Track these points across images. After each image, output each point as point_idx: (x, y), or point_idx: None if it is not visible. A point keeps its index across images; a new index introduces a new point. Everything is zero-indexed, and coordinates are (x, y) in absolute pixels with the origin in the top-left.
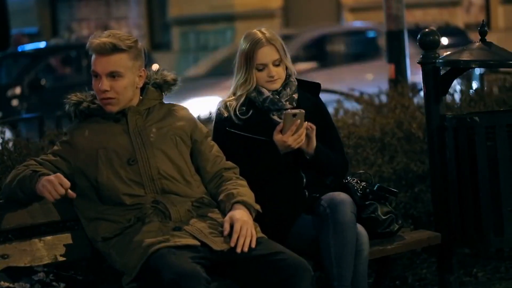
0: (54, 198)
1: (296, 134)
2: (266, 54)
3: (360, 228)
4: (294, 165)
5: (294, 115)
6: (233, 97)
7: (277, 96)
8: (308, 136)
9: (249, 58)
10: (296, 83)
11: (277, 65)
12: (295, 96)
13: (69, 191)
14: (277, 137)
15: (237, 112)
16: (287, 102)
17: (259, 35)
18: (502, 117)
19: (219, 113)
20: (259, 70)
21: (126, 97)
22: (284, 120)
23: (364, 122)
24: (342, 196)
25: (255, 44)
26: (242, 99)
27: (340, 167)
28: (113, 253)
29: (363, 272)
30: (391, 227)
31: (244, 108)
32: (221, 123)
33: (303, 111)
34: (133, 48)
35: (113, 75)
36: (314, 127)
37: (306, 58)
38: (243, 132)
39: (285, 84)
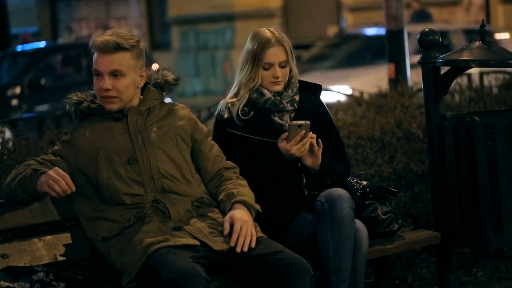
0: (54, 190)
1: (300, 144)
2: (275, 54)
3: (359, 223)
4: (294, 165)
5: (299, 125)
6: (235, 98)
7: (278, 98)
8: (313, 152)
9: (257, 56)
10: (298, 84)
11: (283, 67)
12: (296, 97)
13: (68, 180)
14: (281, 144)
15: (240, 113)
16: (288, 104)
17: (269, 34)
18: (502, 117)
19: (220, 114)
20: (265, 69)
21: (127, 96)
22: (288, 130)
23: (364, 122)
24: (339, 191)
25: (265, 43)
26: (245, 100)
27: (343, 175)
28: (113, 252)
29: (361, 268)
30: (391, 227)
31: (246, 109)
32: (221, 124)
33: (309, 122)
34: (135, 48)
35: (115, 74)
36: (321, 144)
37: None
38: (244, 133)
39: (287, 85)
